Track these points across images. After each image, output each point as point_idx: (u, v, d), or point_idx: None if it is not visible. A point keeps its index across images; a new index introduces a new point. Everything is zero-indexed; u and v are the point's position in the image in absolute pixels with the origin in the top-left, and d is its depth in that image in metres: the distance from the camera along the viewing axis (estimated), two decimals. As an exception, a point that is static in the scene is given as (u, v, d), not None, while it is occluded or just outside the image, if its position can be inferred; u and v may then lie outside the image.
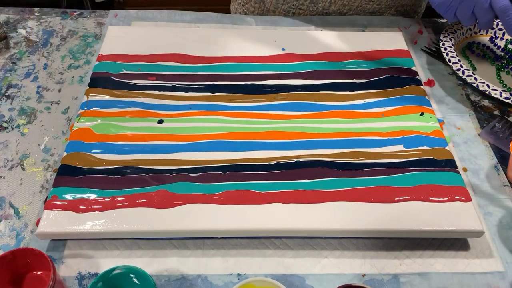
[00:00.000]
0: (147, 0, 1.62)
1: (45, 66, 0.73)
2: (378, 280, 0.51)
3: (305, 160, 0.58)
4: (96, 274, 0.50)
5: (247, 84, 0.68)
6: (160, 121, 0.62)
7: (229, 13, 0.86)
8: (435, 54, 0.79)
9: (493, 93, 0.69)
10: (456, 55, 0.75)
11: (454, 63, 0.73)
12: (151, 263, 0.51)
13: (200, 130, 0.61)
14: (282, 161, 0.58)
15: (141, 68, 0.69)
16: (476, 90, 0.73)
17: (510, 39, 0.81)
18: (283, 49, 0.74)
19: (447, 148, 0.61)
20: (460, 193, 0.55)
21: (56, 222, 0.51)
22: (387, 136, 0.62)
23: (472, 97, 0.73)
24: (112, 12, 0.84)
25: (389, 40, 0.77)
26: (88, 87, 0.66)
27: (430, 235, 0.53)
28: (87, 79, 0.70)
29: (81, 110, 0.63)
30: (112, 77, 0.67)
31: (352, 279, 0.51)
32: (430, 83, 0.74)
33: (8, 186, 0.57)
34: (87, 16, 0.83)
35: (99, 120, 0.61)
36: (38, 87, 0.70)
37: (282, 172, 0.57)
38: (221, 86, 0.67)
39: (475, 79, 0.71)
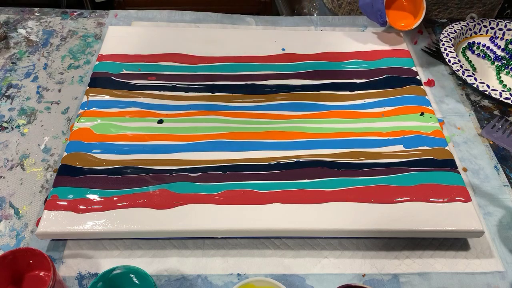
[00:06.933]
0: (147, 0, 1.62)
1: (45, 66, 0.73)
2: (378, 280, 0.51)
3: (305, 160, 0.58)
4: (96, 274, 0.50)
5: (247, 84, 0.68)
6: (160, 121, 0.62)
7: (229, 13, 0.86)
8: (435, 54, 0.79)
9: (493, 93, 0.69)
10: (456, 55, 0.75)
11: (454, 63, 0.73)
12: (151, 263, 0.51)
13: (200, 130, 0.61)
14: (282, 161, 0.58)
15: (141, 68, 0.69)
16: (476, 90, 0.73)
17: (510, 39, 0.81)
18: (283, 49, 0.74)
19: (447, 148, 0.61)
20: (460, 193, 0.55)
21: (56, 222, 0.51)
22: (387, 136, 0.62)
23: (472, 97, 0.73)
24: (112, 12, 0.84)
25: (389, 40, 0.77)
26: (88, 87, 0.66)
27: (430, 235, 0.53)
28: (87, 79, 0.70)
29: (81, 110, 0.63)
30: (112, 77, 0.67)
31: (352, 279, 0.51)
32: (430, 83, 0.74)
33: (8, 186, 0.57)
34: (87, 16, 0.83)
35: (99, 120, 0.61)
36: (38, 87, 0.70)
37: (282, 172, 0.57)
38: (221, 86, 0.67)
39: (475, 79, 0.71)
